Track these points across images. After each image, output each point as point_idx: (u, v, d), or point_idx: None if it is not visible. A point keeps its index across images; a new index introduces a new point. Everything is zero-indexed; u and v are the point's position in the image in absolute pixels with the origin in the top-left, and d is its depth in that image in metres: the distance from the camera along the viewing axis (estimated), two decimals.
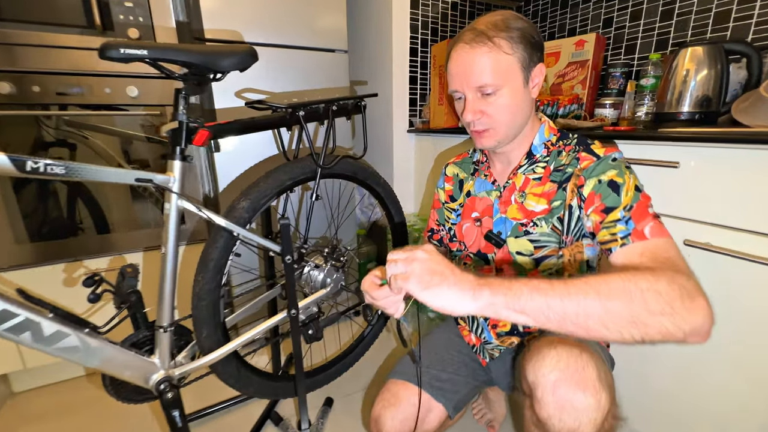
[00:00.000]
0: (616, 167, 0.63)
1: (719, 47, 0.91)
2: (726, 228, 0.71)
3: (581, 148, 0.69)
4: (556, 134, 0.74)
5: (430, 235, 0.97)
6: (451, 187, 0.91)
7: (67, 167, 0.61)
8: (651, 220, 0.58)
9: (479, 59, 0.64)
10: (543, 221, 0.72)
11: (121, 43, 0.62)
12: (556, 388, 0.55)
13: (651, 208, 0.60)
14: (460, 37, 0.68)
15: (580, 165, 0.67)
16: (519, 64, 0.65)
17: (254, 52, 0.76)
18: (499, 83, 0.65)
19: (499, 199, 0.78)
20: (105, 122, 1.15)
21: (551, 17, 1.64)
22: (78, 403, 1.19)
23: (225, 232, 0.81)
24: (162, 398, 0.75)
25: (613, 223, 0.60)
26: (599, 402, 0.53)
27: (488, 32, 0.64)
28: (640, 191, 0.61)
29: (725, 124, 0.87)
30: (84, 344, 0.66)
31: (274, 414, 1.11)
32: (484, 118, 0.68)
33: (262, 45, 1.26)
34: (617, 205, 0.60)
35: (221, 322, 0.86)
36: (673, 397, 0.84)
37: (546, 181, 0.72)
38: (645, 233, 0.56)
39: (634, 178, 0.63)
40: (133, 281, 0.81)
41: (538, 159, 0.73)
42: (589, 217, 0.64)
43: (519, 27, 0.65)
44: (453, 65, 0.69)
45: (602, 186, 0.62)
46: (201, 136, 0.74)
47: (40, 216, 1.11)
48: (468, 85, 0.67)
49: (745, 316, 0.71)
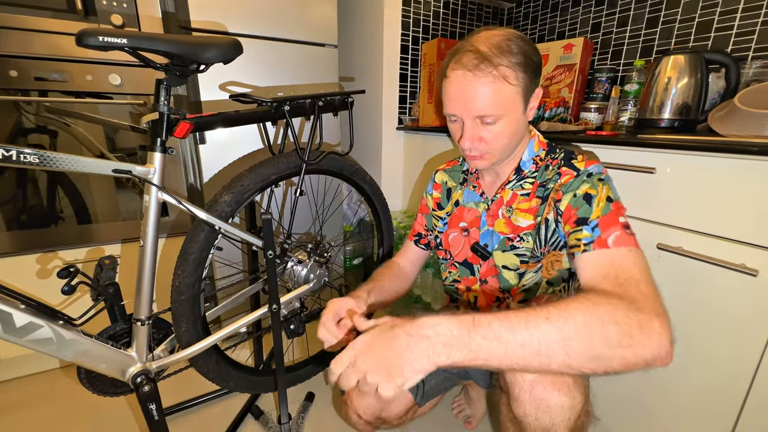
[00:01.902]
0: (590, 182, 0.64)
1: (700, 56, 0.93)
2: (698, 233, 0.74)
3: (563, 162, 0.69)
4: (544, 148, 0.74)
5: (417, 239, 0.94)
6: (439, 195, 0.90)
7: (41, 156, 0.59)
8: (618, 229, 0.58)
9: (482, 89, 0.62)
10: (530, 236, 0.72)
11: (100, 31, 0.60)
12: (533, 388, 0.56)
13: (622, 218, 0.60)
14: (461, 59, 0.63)
15: (561, 180, 0.67)
16: (521, 93, 0.64)
17: (239, 44, 0.75)
18: (501, 113, 0.64)
19: (487, 212, 0.78)
20: (88, 110, 1.12)
21: (541, 20, 1.66)
22: (52, 395, 1.17)
23: (206, 225, 0.80)
24: (138, 391, 0.74)
25: (580, 229, 0.61)
26: (573, 401, 0.55)
27: (493, 59, 0.61)
28: (612, 201, 0.62)
29: (702, 132, 0.89)
30: (58, 336, 0.65)
31: (255, 408, 1.11)
32: (481, 145, 0.67)
33: (251, 37, 1.25)
34: (588, 216, 0.61)
35: (201, 316, 0.86)
36: (646, 396, 0.86)
37: (533, 196, 0.72)
38: (608, 242, 0.57)
39: (608, 188, 0.64)
40: (111, 273, 0.80)
41: (527, 174, 0.73)
42: (564, 229, 0.65)
43: (523, 51, 0.62)
44: (452, 88, 0.65)
45: (577, 199, 0.63)
46: (182, 128, 0.73)
47: (19, 204, 1.08)
48: (468, 113, 0.65)
49: (714, 319, 0.73)
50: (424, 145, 1.59)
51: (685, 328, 0.77)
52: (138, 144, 1.21)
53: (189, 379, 1.11)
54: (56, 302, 1.13)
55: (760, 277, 0.65)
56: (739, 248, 0.68)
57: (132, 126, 1.18)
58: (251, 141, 1.32)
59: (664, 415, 0.83)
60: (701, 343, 0.75)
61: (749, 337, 0.68)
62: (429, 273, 1.44)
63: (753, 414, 0.69)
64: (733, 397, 0.71)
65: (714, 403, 0.75)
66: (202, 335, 0.86)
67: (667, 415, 0.83)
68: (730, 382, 0.72)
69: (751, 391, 0.69)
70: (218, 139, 1.26)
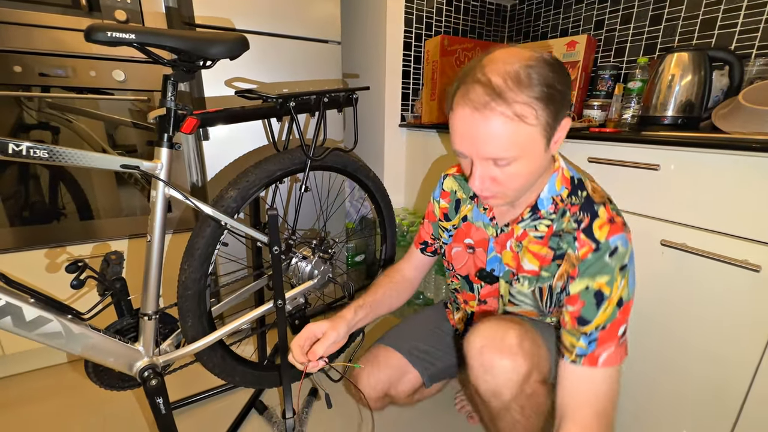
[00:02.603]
0: (609, 272, 0.58)
1: (704, 54, 0.94)
2: (701, 230, 0.74)
3: (584, 221, 0.61)
4: (567, 187, 0.65)
5: (423, 247, 0.90)
6: (447, 205, 0.83)
7: (51, 151, 0.60)
8: (612, 345, 0.59)
9: (494, 131, 0.53)
10: (527, 281, 0.70)
11: (109, 26, 0.60)
12: (481, 353, 0.63)
13: (622, 327, 0.60)
14: (470, 92, 0.54)
15: (578, 252, 0.61)
16: (542, 131, 0.55)
17: (245, 40, 0.75)
18: (516, 155, 0.55)
19: (495, 239, 0.73)
20: (91, 106, 1.12)
21: (544, 17, 1.65)
22: (59, 389, 1.18)
23: (212, 221, 0.81)
24: (146, 385, 0.75)
25: (578, 335, 0.60)
26: (515, 365, 0.61)
27: (506, 94, 0.51)
28: (622, 305, 0.59)
29: (706, 130, 0.90)
30: (66, 330, 0.65)
31: (259, 403, 1.12)
32: (493, 186, 0.59)
33: (254, 33, 1.25)
34: (591, 320, 0.59)
35: (207, 311, 0.86)
36: (651, 392, 0.87)
37: (545, 243, 0.66)
38: (599, 360, 0.58)
39: (625, 283, 0.59)
40: (117, 268, 0.80)
41: (543, 215, 0.66)
42: (565, 311, 0.63)
43: (546, 80, 0.52)
44: (459, 124, 0.56)
45: (588, 293, 0.60)
46: (189, 123, 0.73)
47: (21, 200, 1.09)
48: (478, 155, 0.57)
49: (717, 314, 0.74)
50: (426, 142, 1.59)
51: (687, 323, 0.78)
52: (137, 141, 1.21)
53: (193, 375, 1.11)
54: (64, 297, 1.14)
55: (763, 273, 0.65)
56: (742, 244, 0.68)
57: (134, 122, 1.19)
58: (253, 138, 1.33)
59: (665, 409, 0.84)
60: (703, 338, 0.76)
61: (751, 333, 0.69)
62: (431, 270, 1.45)
63: (755, 407, 0.70)
64: (735, 391, 0.72)
65: (715, 398, 0.75)
66: (208, 330, 0.86)
67: (667, 410, 0.84)
68: (732, 377, 0.72)
69: (753, 385, 0.69)
70: (220, 136, 1.27)
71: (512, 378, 0.61)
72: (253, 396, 1.14)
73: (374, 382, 0.83)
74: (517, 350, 0.61)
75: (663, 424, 0.85)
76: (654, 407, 0.86)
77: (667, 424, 0.84)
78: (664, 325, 0.82)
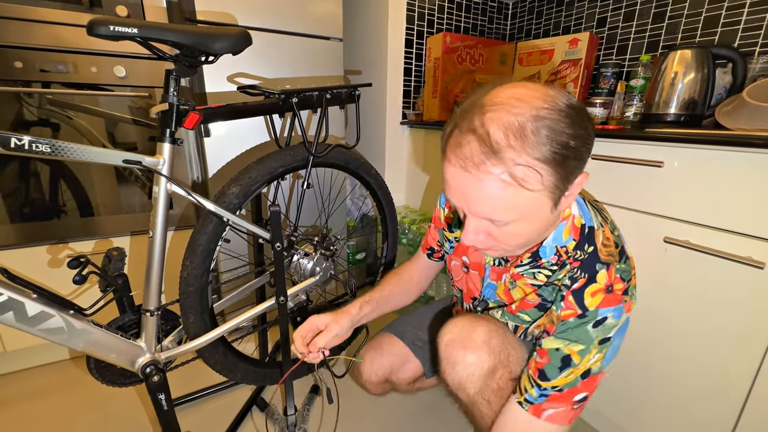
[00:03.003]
0: (587, 341, 0.55)
1: (707, 51, 0.93)
2: (705, 227, 0.74)
3: (579, 281, 0.56)
4: (575, 238, 0.58)
5: (429, 253, 0.89)
6: (451, 216, 0.81)
7: (53, 146, 0.59)
8: (562, 406, 0.57)
9: (488, 192, 0.46)
10: (500, 312, 0.70)
11: (111, 20, 0.60)
12: (447, 348, 0.65)
13: (581, 395, 0.57)
14: (462, 146, 0.46)
15: (561, 312, 0.57)
16: (548, 194, 0.47)
17: (248, 35, 0.75)
18: (516, 218, 0.49)
19: (492, 267, 0.70)
20: (91, 102, 1.12)
21: (546, 15, 1.65)
22: (61, 385, 1.18)
23: (214, 217, 0.80)
24: (148, 381, 0.75)
25: (533, 384, 0.59)
26: (478, 359, 0.62)
27: (505, 152, 0.43)
28: (587, 377, 0.56)
29: (709, 127, 0.89)
30: (68, 326, 0.65)
31: (260, 400, 1.12)
32: (489, 240, 0.53)
33: (255, 29, 1.24)
34: (551, 379, 0.57)
35: (209, 308, 0.86)
36: (645, 390, 0.87)
37: (536, 290, 0.63)
38: (543, 414, 0.57)
39: (598, 358, 0.56)
40: (119, 264, 0.80)
41: (544, 264, 0.60)
42: (532, 357, 0.62)
43: (556, 137, 0.43)
44: (449, 178, 0.50)
45: (557, 354, 0.57)
46: (192, 119, 0.73)
47: (22, 197, 1.08)
48: (471, 211, 0.50)
49: (719, 311, 0.74)
50: (427, 139, 1.58)
51: (690, 320, 0.78)
52: (138, 138, 1.20)
53: (194, 372, 1.11)
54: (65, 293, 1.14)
55: (767, 270, 0.65)
56: (745, 241, 0.68)
57: (134, 119, 1.18)
58: (253, 135, 1.32)
59: (665, 408, 0.84)
60: (706, 335, 0.76)
61: (754, 329, 0.69)
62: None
63: (758, 404, 0.70)
64: (738, 387, 0.72)
65: (717, 395, 0.75)
66: (210, 327, 0.86)
67: (668, 408, 0.84)
68: (735, 372, 0.72)
69: (757, 381, 0.69)
70: (221, 133, 1.26)
71: (474, 373, 0.62)
72: (254, 393, 1.14)
73: (376, 367, 0.87)
74: (482, 346, 0.63)
75: (664, 417, 0.85)
76: (651, 406, 0.86)
77: (669, 418, 0.84)
78: (666, 321, 0.82)
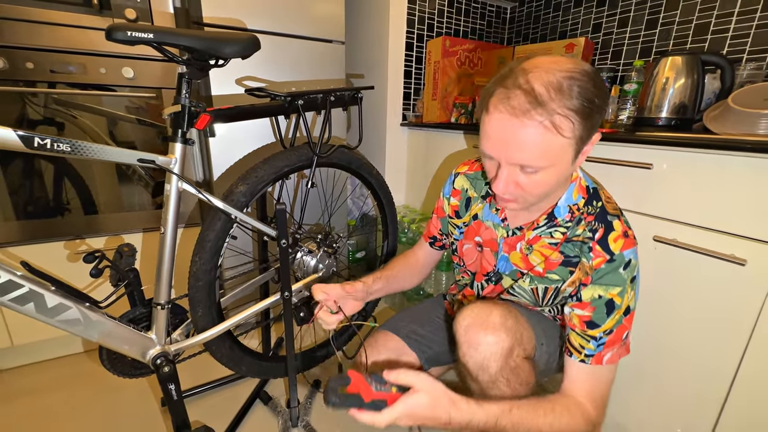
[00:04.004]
0: (622, 283, 0.63)
1: (696, 58, 0.97)
2: (692, 226, 0.78)
3: (599, 231, 0.64)
4: (584, 196, 0.67)
5: (432, 242, 0.94)
6: (458, 203, 0.85)
7: (73, 145, 0.62)
8: (617, 347, 0.64)
9: (529, 138, 0.53)
10: (529, 279, 0.73)
11: (129, 26, 0.63)
12: (466, 332, 0.67)
13: (626, 332, 0.65)
14: (511, 98, 0.53)
15: (592, 261, 0.64)
16: (574, 145, 0.55)
17: (257, 40, 0.78)
18: (545, 165, 0.56)
19: (505, 240, 0.75)
20: (97, 102, 1.15)
21: (543, 20, 1.69)
22: (69, 379, 1.21)
23: (223, 214, 0.83)
24: (159, 372, 0.78)
25: (587, 339, 0.65)
26: (498, 339, 0.65)
27: (548, 104, 0.51)
28: (628, 314, 0.64)
29: (698, 131, 0.93)
30: (85, 317, 0.68)
31: (264, 394, 1.15)
32: (516, 190, 0.60)
33: (259, 32, 1.27)
34: (601, 325, 0.64)
35: (216, 302, 0.89)
36: (631, 381, 0.91)
37: (557, 249, 0.68)
38: (603, 360, 0.64)
39: (633, 295, 0.64)
40: (130, 260, 0.83)
41: (559, 223, 0.68)
42: (573, 314, 0.67)
43: (586, 94, 0.53)
44: (492, 128, 0.57)
45: (600, 301, 0.64)
46: (203, 120, 0.76)
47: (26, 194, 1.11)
48: (507, 159, 0.57)
49: (704, 307, 0.77)
50: (427, 141, 1.62)
51: (677, 315, 0.82)
52: (138, 137, 1.23)
53: (198, 367, 1.16)
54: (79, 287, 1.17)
55: (748, 266, 0.69)
56: (729, 239, 0.72)
57: (138, 119, 1.21)
58: (256, 136, 1.34)
59: (660, 402, 0.88)
60: (692, 328, 0.80)
61: (737, 322, 0.72)
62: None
63: (739, 396, 0.74)
64: (722, 376, 0.76)
65: (702, 389, 0.79)
66: (217, 321, 0.89)
67: (652, 400, 0.87)
68: (719, 363, 0.76)
69: (740, 370, 0.73)
70: (224, 135, 1.28)
71: (496, 351, 0.65)
72: (258, 387, 1.17)
73: (373, 363, 0.87)
74: (500, 327, 0.66)
75: (661, 412, 0.89)
76: (651, 398, 0.90)
77: (655, 412, 0.88)
78: (657, 317, 0.85)
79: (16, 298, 0.60)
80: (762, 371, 0.70)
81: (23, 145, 0.58)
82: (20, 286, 0.60)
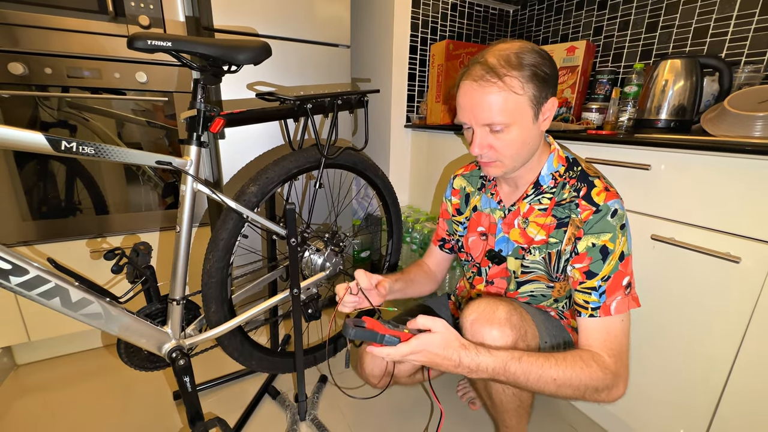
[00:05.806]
0: (611, 230, 0.68)
1: (695, 61, 0.99)
2: (689, 225, 0.80)
3: (582, 189, 0.72)
4: (564, 164, 0.76)
5: (441, 244, 1.01)
6: (458, 201, 0.94)
7: (97, 148, 0.66)
8: (620, 294, 0.68)
9: (488, 98, 0.65)
10: (537, 250, 0.78)
11: (149, 35, 0.67)
12: (472, 326, 0.71)
13: (626, 279, 0.69)
14: (471, 70, 0.67)
15: (581, 215, 0.70)
16: (529, 103, 0.66)
17: (268, 47, 0.81)
18: (508, 122, 0.66)
19: (503, 220, 0.82)
20: (108, 105, 1.18)
21: (545, 23, 1.72)
22: (81, 374, 1.25)
23: (235, 214, 0.87)
24: (174, 365, 0.81)
25: (588, 291, 0.69)
26: (502, 333, 0.69)
27: (499, 70, 0.64)
28: (623, 259, 0.69)
29: (696, 133, 0.95)
30: (106, 312, 0.72)
31: (272, 388, 1.18)
32: (491, 152, 0.70)
33: (268, 37, 1.31)
34: (598, 272, 0.68)
35: (228, 299, 0.93)
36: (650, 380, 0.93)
37: (549, 214, 0.76)
38: (611, 309, 0.68)
39: (624, 240, 0.69)
40: (146, 258, 0.87)
41: (545, 189, 0.76)
42: (573, 270, 0.72)
43: (532, 63, 0.65)
44: (462, 98, 0.70)
45: (594, 249, 0.69)
46: (217, 123, 0.79)
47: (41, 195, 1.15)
48: (476, 121, 0.68)
49: (701, 302, 0.80)
50: (431, 142, 1.65)
51: (675, 311, 0.84)
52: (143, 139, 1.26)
53: (205, 364, 1.20)
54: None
55: (742, 264, 0.71)
56: (724, 238, 0.74)
57: (149, 121, 1.25)
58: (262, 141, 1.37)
59: (660, 400, 0.90)
60: (690, 325, 0.82)
61: (733, 318, 0.75)
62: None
63: (734, 391, 0.76)
64: (718, 371, 0.78)
65: (697, 384, 0.81)
66: (229, 316, 0.92)
67: (661, 398, 0.90)
68: (716, 359, 0.78)
69: (735, 364, 0.75)
70: (233, 138, 1.32)
71: (500, 346, 0.68)
72: (266, 382, 1.20)
73: (378, 362, 0.91)
74: (504, 322, 0.70)
75: (662, 409, 0.91)
76: (652, 395, 0.92)
77: (653, 408, 0.90)
78: (656, 314, 0.88)
79: (44, 293, 0.63)
80: (756, 363, 0.72)
81: (51, 148, 0.61)
82: (47, 282, 0.63)
